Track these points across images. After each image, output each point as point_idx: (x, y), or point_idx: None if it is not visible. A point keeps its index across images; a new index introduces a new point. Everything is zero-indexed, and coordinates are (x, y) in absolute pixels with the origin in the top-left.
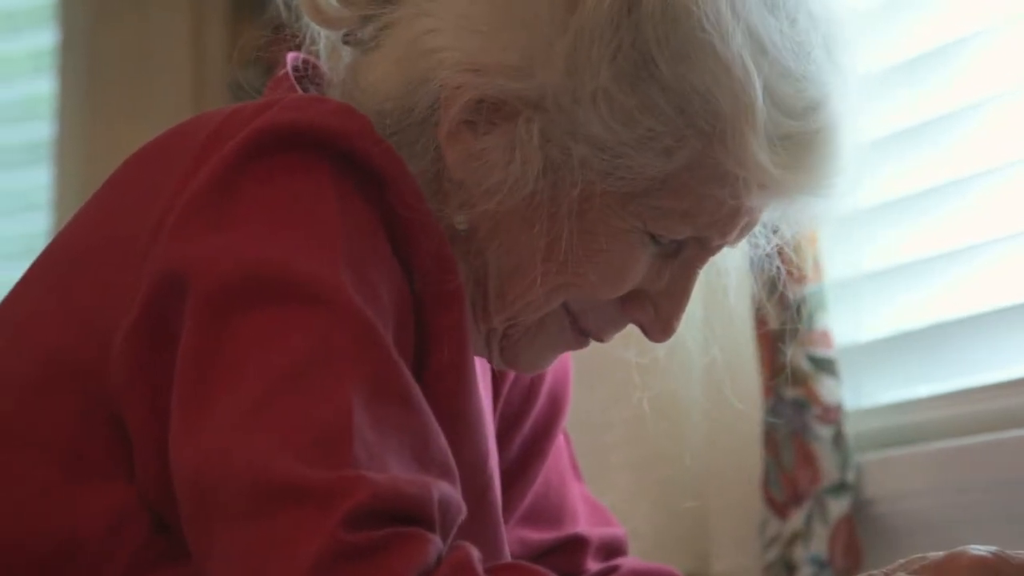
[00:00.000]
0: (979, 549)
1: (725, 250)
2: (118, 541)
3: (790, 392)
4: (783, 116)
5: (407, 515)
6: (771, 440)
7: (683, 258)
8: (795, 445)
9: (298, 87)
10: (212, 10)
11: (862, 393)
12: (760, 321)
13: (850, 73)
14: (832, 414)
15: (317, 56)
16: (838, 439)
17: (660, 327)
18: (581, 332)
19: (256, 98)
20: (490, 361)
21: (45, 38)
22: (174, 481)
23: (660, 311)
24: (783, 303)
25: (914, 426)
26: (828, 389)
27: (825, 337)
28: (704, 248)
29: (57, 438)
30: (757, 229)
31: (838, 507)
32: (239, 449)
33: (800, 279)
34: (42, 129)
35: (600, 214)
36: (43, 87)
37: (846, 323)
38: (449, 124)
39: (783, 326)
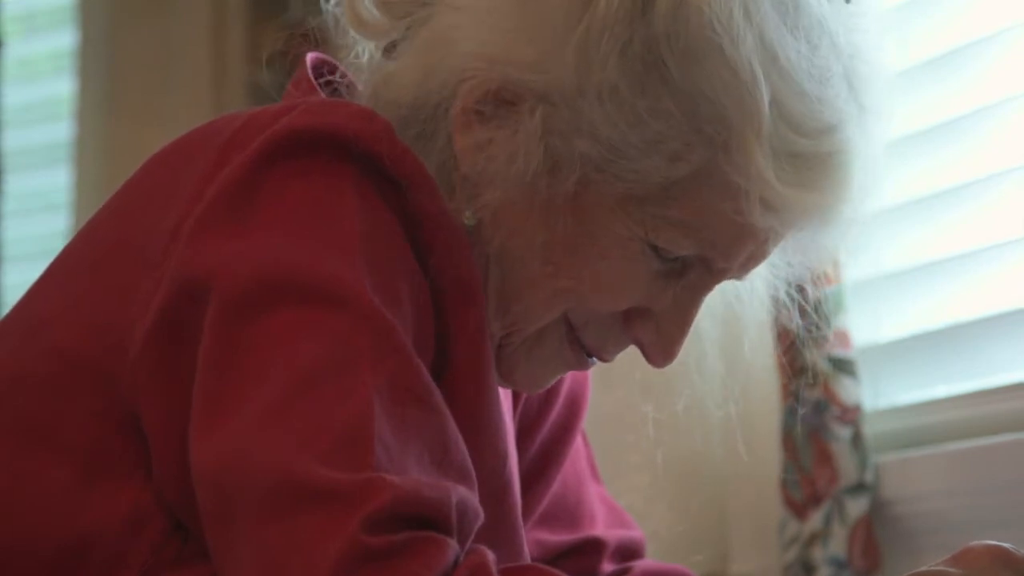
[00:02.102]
0: (991, 543)
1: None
2: (135, 541)
3: (809, 393)
4: (792, 133)
5: (426, 519)
6: (789, 441)
7: (688, 281)
8: (813, 446)
9: (319, 88)
10: (232, 10)
11: (881, 393)
12: (778, 321)
13: (870, 110)
14: (851, 414)
15: (335, 57)
16: (857, 439)
17: (661, 349)
18: (582, 349)
19: (276, 98)
20: None
21: (65, 39)
22: (194, 481)
23: (662, 333)
24: (802, 303)
25: (933, 427)
26: (847, 389)
27: (844, 337)
28: (709, 272)
29: (73, 438)
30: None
31: (857, 508)
32: (260, 450)
33: (819, 280)
34: (62, 130)
35: (600, 216)
36: (63, 88)
37: (865, 323)
38: (460, 113)
39: (802, 326)
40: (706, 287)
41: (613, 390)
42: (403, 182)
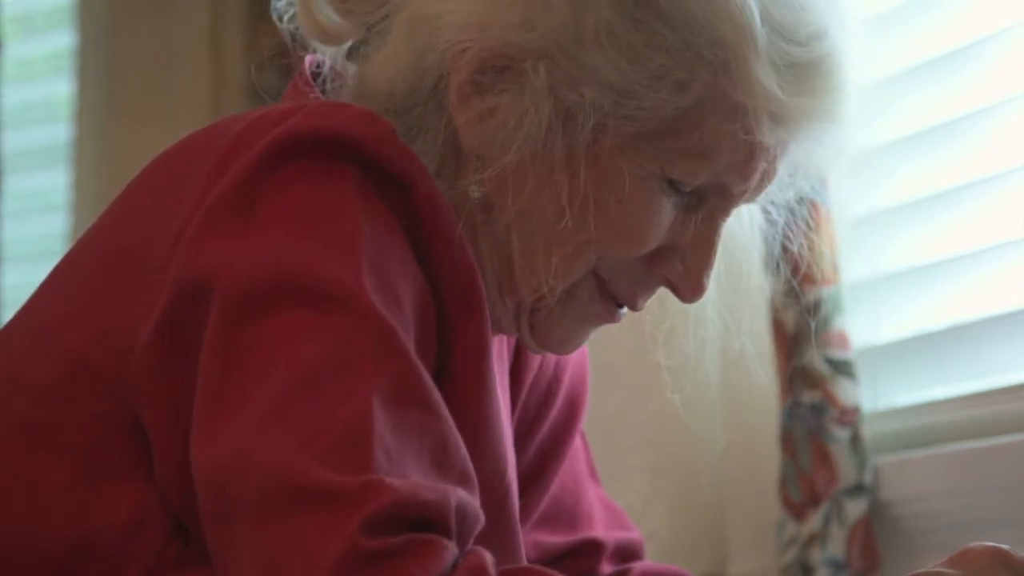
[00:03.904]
0: (990, 544)
1: (742, 247)
2: (136, 543)
3: (807, 394)
4: (786, 43)
5: (425, 521)
6: (788, 442)
7: (706, 210)
8: (812, 447)
9: (317, 91)
10: (230, 12)
11: (879, 395)
12: (777, 323)
13: (847, 6)
14: (849, 416)
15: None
16: (855, 441)
17: (690, 283)
18: (612, 301)
19: (274, 100)
20: (523, 342)
21: (63, 40)
22: (195, 481)
23: (688, 266)
24: (800, 305)
25: (931, 428)
26: (845, 391)
27: (842, 339)
28: (725, 197)
29: (73, 438)
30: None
31: (855, 509)
32: (261, 450)
33: (817, 281)
34: (60, 131)
35: (616, 160)
36: (61, 89)
37: (863, 325)
38: (458, 87)
39: (800, 328)
40: (724, 213)
41: (613, 391)
42: (406, 185)
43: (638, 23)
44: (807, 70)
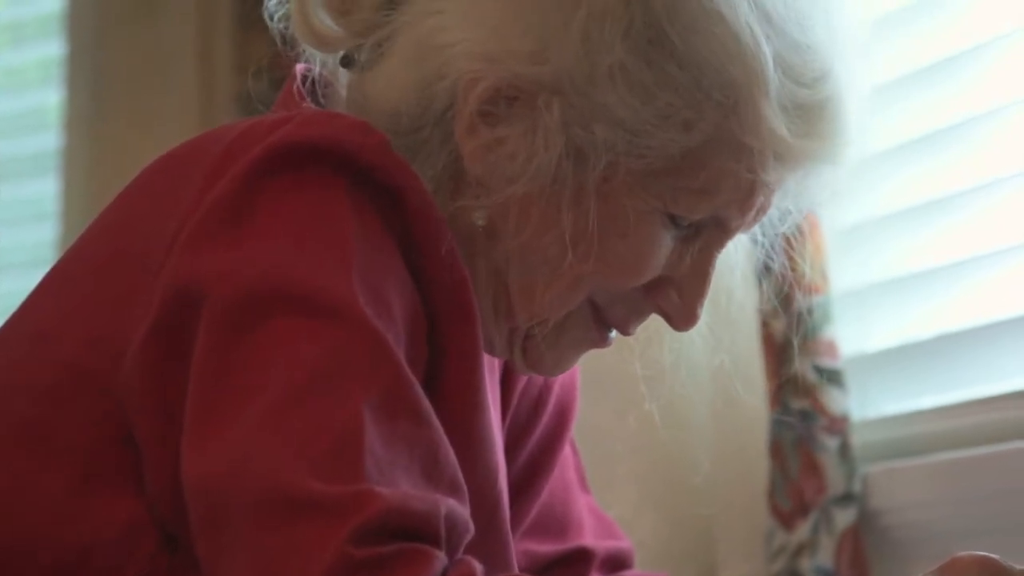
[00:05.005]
0: (978, 553)
1: (732, 257)
2: (128, 553)
3: (796, 403)
4: (795, 85)
5: (414, 531)
6: (777, 450)
7: (702, 241)
8: (801, 455)
9: (308, 100)
10: (220, 21)
11: (868, 404)
12: (766, 331)
13: (851, 43)
14: (838, 425)
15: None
16: (844, 450)
17: (684, 313)
18: (604, 327)
19: (265, 109)
20: (513, 365)
21: (53, 48)
22: (185, 490)
23: (683, 296)
24: (789, 313)
25: (920, 437)
26: (834, 400)
27: (831, 347)
28: (723, 229)
29: (74, 443)
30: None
31: (844, 518)
32: (252, 460)
33: (807, 289)
34: (50, 139)
35: (622, 196)
36: (51, 97)
37: (852, 334)
38: (467, 117)
39: (789, 336)
40: (720, 244)
41: (602, 401)
42: (399, 195)
43: (650, 61)
44: (813, 112)
